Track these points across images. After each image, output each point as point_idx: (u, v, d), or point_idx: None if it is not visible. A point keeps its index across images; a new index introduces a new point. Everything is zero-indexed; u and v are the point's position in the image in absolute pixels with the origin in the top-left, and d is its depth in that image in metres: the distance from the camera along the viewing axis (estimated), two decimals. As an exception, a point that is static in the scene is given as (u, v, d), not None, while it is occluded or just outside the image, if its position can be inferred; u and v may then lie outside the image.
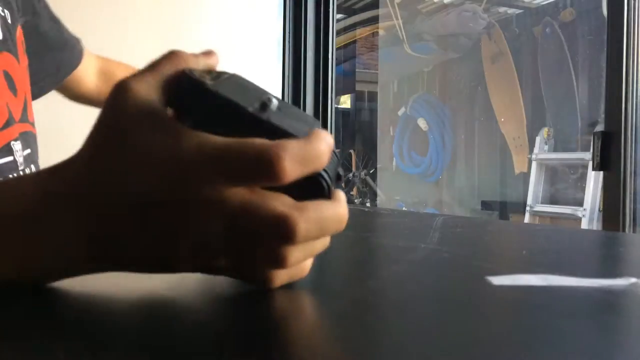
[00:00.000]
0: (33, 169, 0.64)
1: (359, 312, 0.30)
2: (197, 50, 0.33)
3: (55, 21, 0.82)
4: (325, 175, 0.29)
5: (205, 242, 0.28)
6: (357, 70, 6.28)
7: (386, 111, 5.53)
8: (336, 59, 2.19)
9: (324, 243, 0.32)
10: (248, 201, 0.28)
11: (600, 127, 1.76)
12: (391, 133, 5.37)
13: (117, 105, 0.29)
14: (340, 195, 0.31)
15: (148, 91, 0.29)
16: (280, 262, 0.29)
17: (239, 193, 0.28)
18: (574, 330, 0.26)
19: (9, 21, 0.65)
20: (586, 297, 0.32)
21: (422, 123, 5.02)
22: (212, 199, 0.27)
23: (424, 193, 5.17)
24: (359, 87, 6.29)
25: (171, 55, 0.31)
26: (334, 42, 2.15)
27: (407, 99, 5.26)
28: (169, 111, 0.30)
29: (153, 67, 0.31)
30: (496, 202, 4.56)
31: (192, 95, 0.29)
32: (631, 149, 1.39)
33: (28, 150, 0.64)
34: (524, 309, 0.30)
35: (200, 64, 0.32)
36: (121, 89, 0.30)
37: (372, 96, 5.94)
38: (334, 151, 0.30)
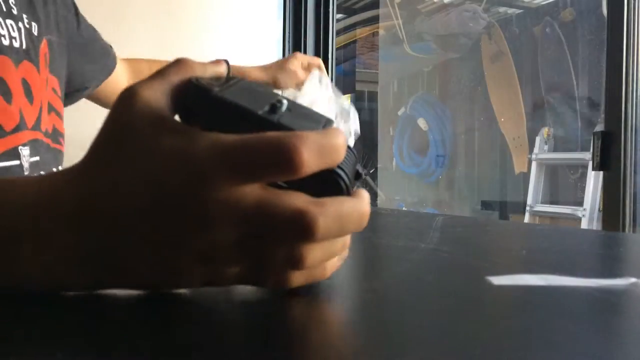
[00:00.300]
0: None
1: (358, 312, 0.30)
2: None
3: (93, 31, 0.84)
4: (342, 173, 0.28)
5: (217, 246, 0.27)
6: (357, 70, 6.27)
7: (386, 111, 5.53)
8: (336, 59, 2.19)
9: (344, 242, 0.30)
10: (263, 198, 0.26)
11: (600, 127, 1.76)
12: (391, 133, 5.36)
13: (124, 111, 0.28)
14: (362, 192, 0.29)
15: (156, 97, 0.28)
16: (297, 262, 0.27)
17: (253, 191, 0.26)
18: (574, 330, 0.26)
19: (35, 33, 0.66)
20: (586, 297, 0.32)
21: (422, 123, 5.01)
22: (226, 199, 0.26)
23: (424, 193, 5.17)
24: (359, 87, 6.28)
25: (179, 64, 0.30)
26: (334, 42, 2.15)
27: (407, 99, 5.25)
28: (176, 118, 0.29)
29: (160, 74, 0.30)
30: (496, 202, 4.56)
31: (199, 102, 0.29)
32: (631, 149, 1.39)
33: (36, 158, 0.65)
34: (524, 309, 0.30)
35: (208, 72, 0.31)
36: (128, 95, 0.28)
37: (372, 96, 5.94)
38: (351, 149, 0.29)
